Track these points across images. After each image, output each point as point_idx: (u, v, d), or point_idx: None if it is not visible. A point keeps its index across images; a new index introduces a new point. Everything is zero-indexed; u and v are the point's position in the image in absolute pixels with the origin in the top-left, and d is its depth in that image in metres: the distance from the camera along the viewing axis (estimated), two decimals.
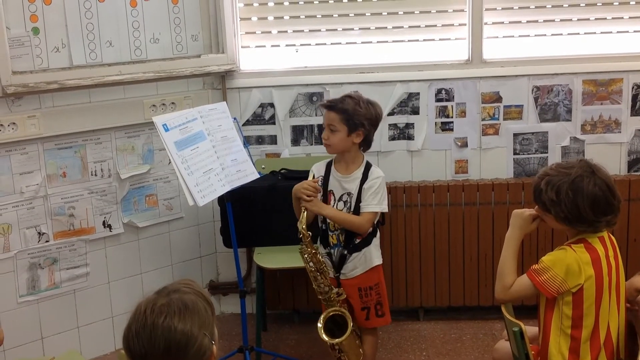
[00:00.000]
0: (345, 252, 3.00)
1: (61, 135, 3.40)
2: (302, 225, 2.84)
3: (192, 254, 3.93)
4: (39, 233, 3.40)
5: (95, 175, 3.53)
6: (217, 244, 3.90)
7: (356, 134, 2.95)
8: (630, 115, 3.83)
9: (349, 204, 2.98)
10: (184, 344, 1.68)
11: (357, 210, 2.97)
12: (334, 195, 3.02)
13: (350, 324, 2.93)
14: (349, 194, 2.99)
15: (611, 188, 2.33)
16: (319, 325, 2.95)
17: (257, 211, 3.50)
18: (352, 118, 2.92)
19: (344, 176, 3.01)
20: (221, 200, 3.34)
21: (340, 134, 2.94)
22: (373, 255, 3.02)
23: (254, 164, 3.31)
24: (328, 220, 3.01)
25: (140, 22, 3.57)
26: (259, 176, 3.30)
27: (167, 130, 3.05)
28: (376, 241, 3.05)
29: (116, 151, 3.57)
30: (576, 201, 2.29)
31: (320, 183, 3.02)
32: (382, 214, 3.09)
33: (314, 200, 2.90)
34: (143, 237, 3.73)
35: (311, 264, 2.92)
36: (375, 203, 2.96)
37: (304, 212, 2.86)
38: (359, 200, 2.96)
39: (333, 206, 3.00)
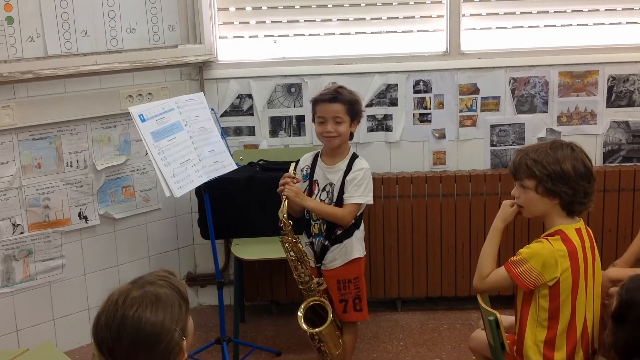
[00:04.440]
0: (327, 242, 2.99)
1: (36, 125, 3.36)
2: (282, 214, 2.83)
3: (170, 245, 3.91)
4: (14, 224, 3.36)
5: (71, 166, 3.49)
6: (195, 236, 3.88)
7: (354, 123, 3.00)
8: (606, 107, 3.87)
9: (331, 195, 2.98)
10: (153, 338, 1.66)
11: (339, 202, 2.96)
12: (318, 185, 3.02)
13: (331, 314, 2.93)
14: (331, 184, 2.99)
15: (587, 156, 2.41)
16: (299, 314, 2.94)
17: (235, 202, 3.49)
18: (354, 107, 2.98)
19: (328, 167, 3.01)
20: (199, 191, 3.32)
21: (345, 124, 2.96)
22: (354, 247, 3.01)
23: (231, 155, 3.30)
24: None
25: (116, 12, 3.53)
26: (236, 167, 3.29)
27: (143, 120, 3.02)
28: (359, 234, 3.04)
29: (92, 142, 3.54)
30: (557, 158, 2.35)
31: (306, 172, 3.02)
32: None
33: (296, 192, 2.89)
34: (120, 229, 3.70)
35: (292, 253, 2.91)
36: (358, 195, 2.95)
37: (284, 201, 2.86)
38: (341, 191, 2.96)
39: (317, 196, 3.00)
